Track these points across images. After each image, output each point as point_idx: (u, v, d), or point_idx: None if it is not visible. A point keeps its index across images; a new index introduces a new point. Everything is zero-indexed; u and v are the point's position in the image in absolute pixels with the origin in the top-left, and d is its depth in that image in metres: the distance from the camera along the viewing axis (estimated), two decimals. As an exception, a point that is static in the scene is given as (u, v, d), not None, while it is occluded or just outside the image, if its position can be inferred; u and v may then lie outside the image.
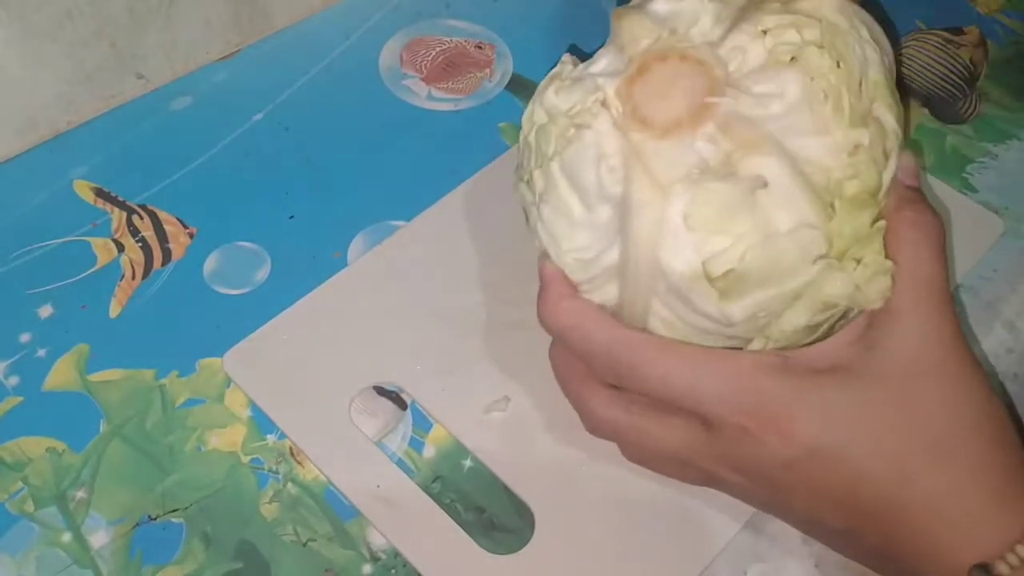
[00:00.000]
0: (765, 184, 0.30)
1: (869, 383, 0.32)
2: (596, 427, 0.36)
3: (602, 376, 0.35)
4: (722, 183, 0.30)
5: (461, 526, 0.36)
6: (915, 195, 0.34)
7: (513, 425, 0.39)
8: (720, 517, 0.37)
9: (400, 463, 0.39)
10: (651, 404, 0.34)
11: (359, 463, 0.38)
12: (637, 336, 0.33)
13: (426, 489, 0.38)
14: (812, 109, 0.31)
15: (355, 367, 0.40)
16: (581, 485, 0.37)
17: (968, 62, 0.49)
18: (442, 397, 0.40)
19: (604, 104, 0.33)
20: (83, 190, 0.47)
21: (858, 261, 0.32)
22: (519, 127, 0.50)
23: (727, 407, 0.32)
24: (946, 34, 0.49)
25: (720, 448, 0.33)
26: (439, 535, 0.36)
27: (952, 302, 0.33)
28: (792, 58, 0.32)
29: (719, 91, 0.32)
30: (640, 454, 0.36)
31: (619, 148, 0.32)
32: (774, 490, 0.33)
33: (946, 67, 0.48)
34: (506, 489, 0.38)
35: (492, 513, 0.38)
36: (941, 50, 0.49)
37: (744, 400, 0.32)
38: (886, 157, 0.32)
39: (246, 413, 0.40)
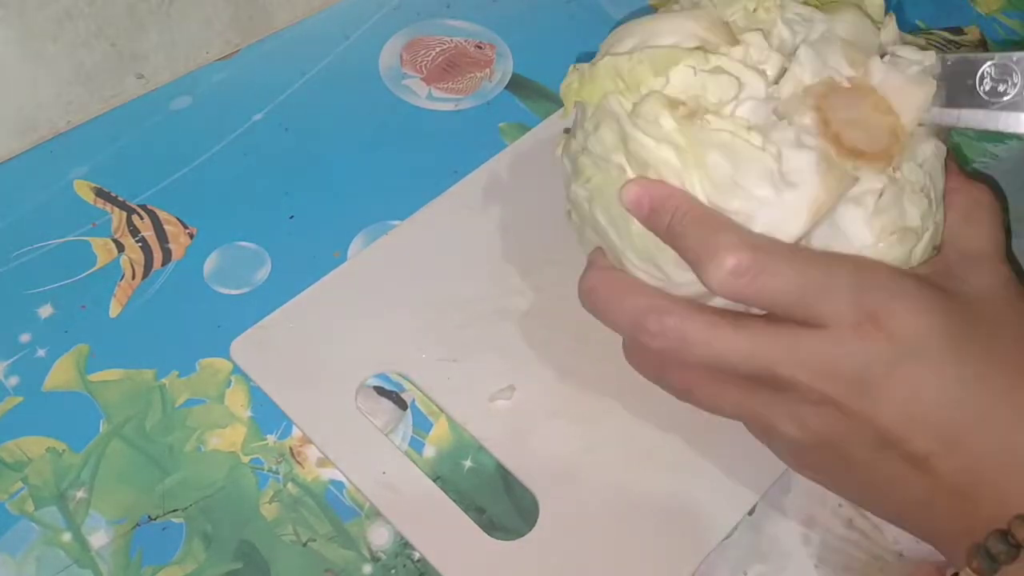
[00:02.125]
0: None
1: (972, 307, 0.32)
2: (661, 328, 0.33)
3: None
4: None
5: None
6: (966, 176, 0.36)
7: (518, 414, 0.39)
8: (723, 506, 0.37)
9: (400, 463, 0.39)
10: (726, 312, 0.33)
11: (365, 450, 0.38)
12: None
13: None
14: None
15: (361, 355, 0.41)
16: (585, 473, 0.38)
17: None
18: (447, 386, 0.40)
19: (778, 115, 0.33)
20: (83, 190, 0.47)
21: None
22: (519, 127, 0.50)
23: (844, 302, 0.31)
24: (946, 34, 0.49)
25: (812, 347, 0.31)
26: (443, 521, 0.37)
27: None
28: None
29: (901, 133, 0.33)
30: (684, 373, 0.35)
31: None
32: (865, 395, 0.31)
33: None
34: (507, 490, 0.38)
35: (492, 513, 0.38)
36: (941, 50, 0.49)
37: (872, 291, 0.31)
38: None
39: (246, 413, 0.40)
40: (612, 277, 0.35)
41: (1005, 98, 0.32)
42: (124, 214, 0.46)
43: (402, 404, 0.40)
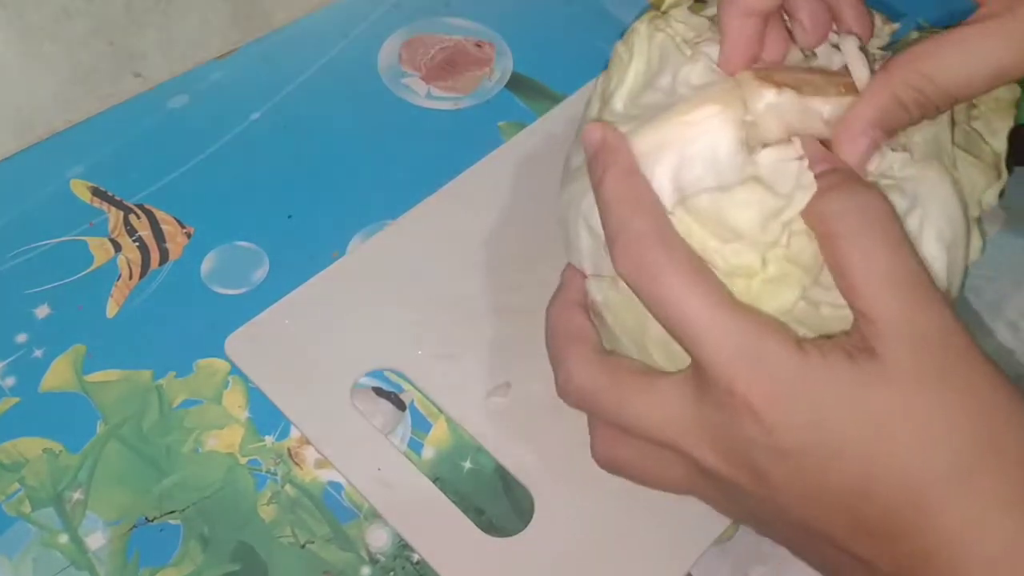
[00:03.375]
0: None
1: (878, 382, 0.27)
2: (568, 388, 0.32)
3: (619, 267, 0.29)
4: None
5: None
6: (837, 178, 0.29)
7: (514, 410, 0.39)
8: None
9: (399, 464, 0.39)
10: (640, 367, 0.31)
11: (360, 446, 0.38)
12: (680, 242, 0.29)
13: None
14: None
15: (356, 352, 0.40)
16: (580, 470, 0.37)
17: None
18: (443, 383, 0.40)
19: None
20: (80, 189, 0.47)
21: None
22: (519, 126, 0.50)
23: (724, 358, 0.27)
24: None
25: (707, 418, 0.28)
26: (439, 517, 0.37)
27: (931, 289, 0.28)
28: None
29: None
30: (608, 438, 0.33)
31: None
32: (765, 486, 0.28)
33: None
34: (506, 490, 0.38)
35: (491, 515, 0.37)
36: None
37: (745, 358, 0.27)
38: None
39: (244, 414, 0.40)
40: (560, 308, 0.34)
41: None
42: (121, 214, 0.46)
43: (401, 405, 0.40)
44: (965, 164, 0.32)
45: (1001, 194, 0.33)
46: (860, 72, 0.31)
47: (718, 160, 0.30)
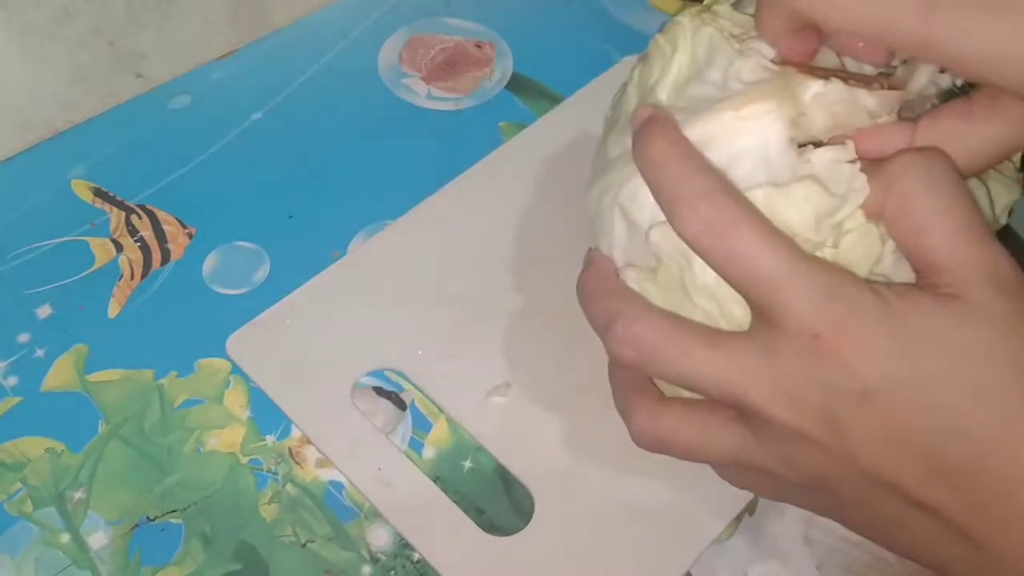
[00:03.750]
0: None
1: (967, 319, 0.27)
2: (627, 339, 0.30)
3: (690, 227, 0.28)
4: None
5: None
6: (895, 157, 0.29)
7: (514, 410, 0.39)
8: (718, 503, 0.37)
9: (400, 464, 0.39)
10: (709, 405, 0.30)
11: (361, 446, 0.38)
12: (745, 198, 0.28)
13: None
14: None
15: (357, 351, 0.41)
16: (580, 469, 0.38)
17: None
18: (443, 383, 0.40)
19: None
20: (81, 190, 0.47)
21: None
22: (519, 126, 0.50)
23: (809, 305, 0.27)
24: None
25: (783, 368, 0.28)
26: (439, 516, 0.37)
27: (998, 242, 0.28)
28: None
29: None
30: (652, 410, 0.32)
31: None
32: (838, 434, 0.27)
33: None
34: (506, 490, 0.38)
35: (492, 514, 0.38)
36: None
37: (830, 302, 0.27)
38: None
39: (245, 414, 0.40)
40: (598, 277, 0.33)
41: None
42: (123, 214, 0.46)
43: (401, 405, 0.40)
44: (992, 177, 0.32)
45: (1010, 212, 0.33)
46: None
47: (769, 157, 0.29)
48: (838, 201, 0.29)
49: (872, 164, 0.29)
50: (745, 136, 0.29)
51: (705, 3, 0.33)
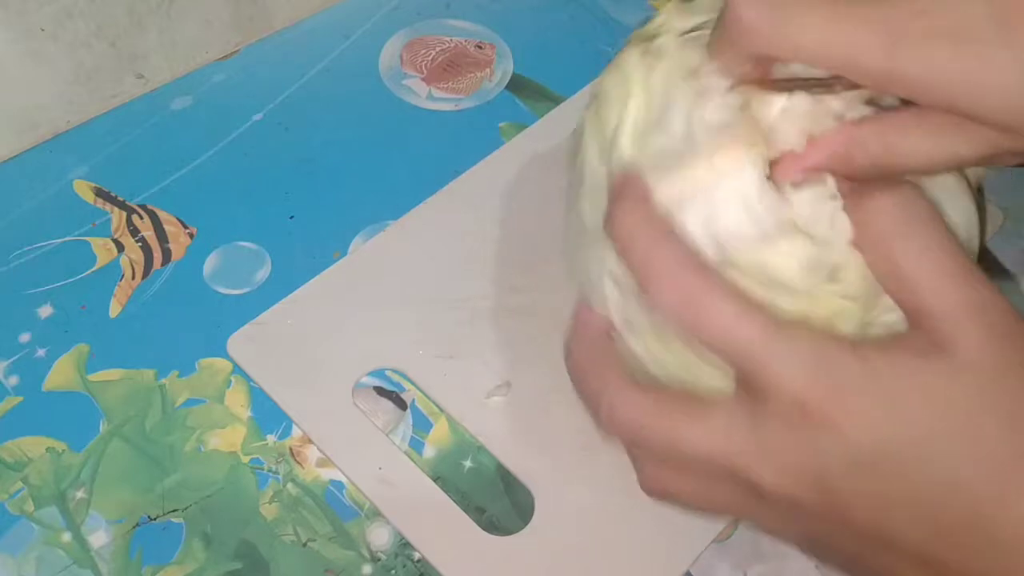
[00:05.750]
0: None
1: (955, 373, 0.26)
2: (613, 421, 0.31)
3: (659, 300, 0.28)
4: None
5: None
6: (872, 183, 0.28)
7: (514, 410, 0.39)
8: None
9: (400, 463, 0.39)
10: (685, 394, 0.30)
11: (361, 446, 0.38)
12: (710, 269, 0.28)
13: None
14: None
15: (358, 351, 0.41)
16: (581, 469, 0.38)
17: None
18: (444, 382, 0.40)
19: None
20: (83, 190, 0.47)
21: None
22: (519, 127, 0.50)
23: (797, 375, 0.26)
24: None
25: (771, 440, 0.27)
26: (440, 516, 0.37)
27: (987, 280, 0.27)
28: None
29: None
30: (655, 468, 0.31)
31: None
32: (831, 502, 0.27)
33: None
34: (507, 490, 0.38)
35: (492, 514, 0.38)
36: None
37: (817, 371, 0.26)
38: None
39: (246, 413, 0.40)
40: (587, 345, 0.32)
41: None
42: (124, 214, 0.46)
43: (402, 404, 0.40)
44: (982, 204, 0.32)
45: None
46: None
47: (751, 205, 0.29)
48: (824, 247, 0.28)
49: (854, 194, 0.28)
50: (722, 188, 0.29)
51: (648, 33, 0.32)
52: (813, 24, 0.27)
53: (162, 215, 0.46)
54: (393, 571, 0.36)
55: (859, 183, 0.28)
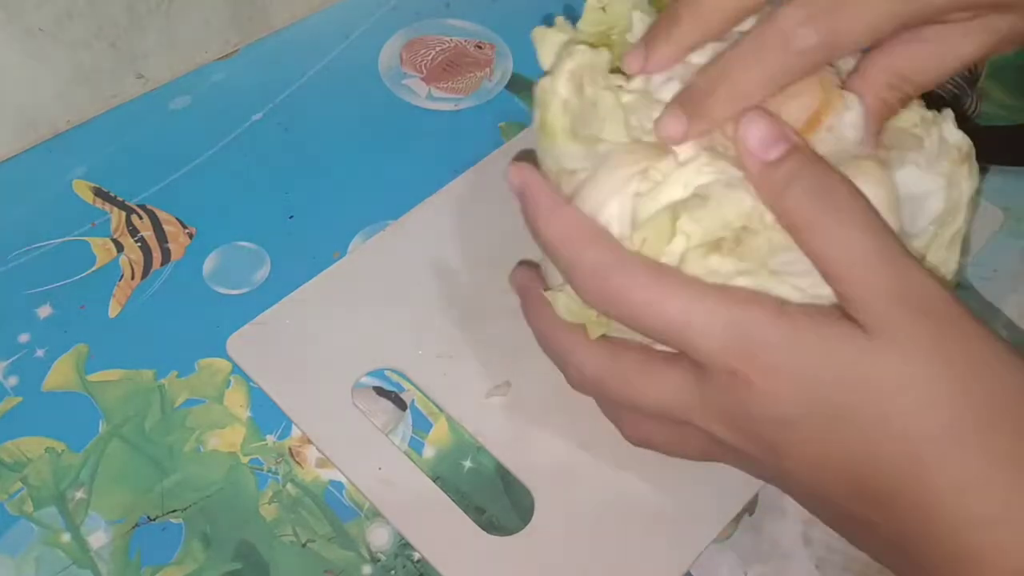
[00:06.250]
0: None
1: (875, 353, 0.27)
2: (581, 378, 0.33)
3: (593, 302, 0.30)
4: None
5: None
6: (795, 163, 0.29)
7: (514, 409, 0.39)
8: (717, 502, 0.37)
9: (400, 463, 0.39)
10: (642, 352, 0.31)
11: (361, 446, 0.38)
12: (632, 257, 0.29)
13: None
14: None
15: (357, 352, 0.41)
16: (580, 469, 0.38)
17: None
18: (443, 382, 0.40)
19: None
20: (82, 190, 0.47)
21: None
22: (519, 127, 0.50)
23: (716, 344, 0.28)
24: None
25: (712, 398, 0.29)
26: (439, 516, 0.37)
27: (912, 260, 0.28)
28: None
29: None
30: (632, 419, 0.34)
31: None
32: (773, 454, 0.29)
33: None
34: (506, 490, 0.38)
35: (492, 514, 0.38)
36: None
37: (734, 338, 0.28)
38: None
39: (246, 414, 0.40)
40: (544, 316, 0.34)
41: None
42: (123, 214, 0.46)
43: (401, 404, 0.40)
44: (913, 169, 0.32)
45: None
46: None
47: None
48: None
49: (771, 181, 0.29)
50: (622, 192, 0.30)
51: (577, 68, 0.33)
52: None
53: (161, 215, 0.46)
54: (393, 571, 0.36)
55: (778, 167, 0.29)
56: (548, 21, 0.36)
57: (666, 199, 0.29)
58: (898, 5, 0.29)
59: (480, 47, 0.54)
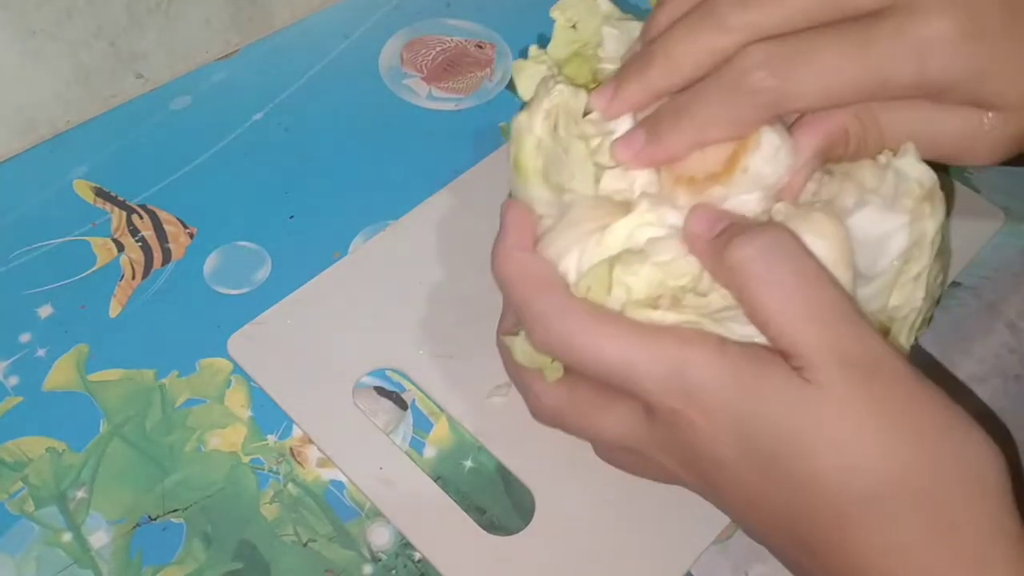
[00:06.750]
0: None
1: (808, 407, 0.27)
2: (541, 409, 0.34)
3: (538, 348, 0.31)
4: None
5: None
6: (736, 227, 0.29)
7: (515, 410, 0.39)
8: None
9: (400, 463, 0.39)
10: (597, 386, 0.31)
11: (362, 446, 0.38)
12: (576, 304, 0.30)
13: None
14: None
15: (358, 351, 0.41)
16: (581, 469, 0.38)
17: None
18: (444, 382, 0.40)
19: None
20: (83, 190, 0.47)
21: None
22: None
23: (658, 386, 0.28)
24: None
25: (661, 435, 0.30)
26: (440, 516, 0.37)
27: (855, 317, 0.28)
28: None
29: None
30: (598, 448, 0.35)
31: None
32: (712, 491, 0.30)
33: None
34: (507, 490, 0.38)
35: (492, 514, 0.38)
36: None
37: (674, 380, 0.28)
38: None
39: (246, 413, 0.40)
40: (504, 346, 0.35)
41: None
42: (124, 214, 0.46)
43: (402, 404, 0.40)
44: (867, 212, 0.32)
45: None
46: None
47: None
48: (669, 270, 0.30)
49: (720, 240, 0.29)
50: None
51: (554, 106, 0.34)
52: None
53: (162, 215, 0.46)
54: (394, 571, 0.36)
55: (721, 234, 0.29)
56: (548, 20, 0.36)
57: (607, 250, 0.31)
58: (862, 73, 0.30)
59: (481, 47, 0.54)
